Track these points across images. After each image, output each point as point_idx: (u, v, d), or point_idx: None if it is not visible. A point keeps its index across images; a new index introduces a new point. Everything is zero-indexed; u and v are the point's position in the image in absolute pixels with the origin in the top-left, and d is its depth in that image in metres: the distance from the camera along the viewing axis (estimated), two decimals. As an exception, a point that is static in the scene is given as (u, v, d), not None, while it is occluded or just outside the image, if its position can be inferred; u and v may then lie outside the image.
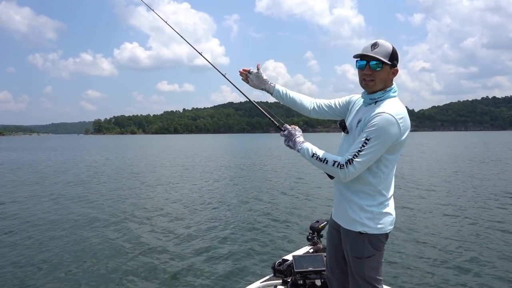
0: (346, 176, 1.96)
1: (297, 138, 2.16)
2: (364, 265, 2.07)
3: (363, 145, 1.92)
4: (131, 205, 9.83)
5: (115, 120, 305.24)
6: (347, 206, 2.11)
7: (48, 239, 6.76)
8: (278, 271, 2.89)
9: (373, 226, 2.04)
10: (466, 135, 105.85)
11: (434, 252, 5.86)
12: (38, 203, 10.23)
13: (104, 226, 7.65)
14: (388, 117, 1.91)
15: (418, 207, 9.14)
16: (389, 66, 2.02)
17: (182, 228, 7.60)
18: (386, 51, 2.01)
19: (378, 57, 1.99)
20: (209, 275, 5.10)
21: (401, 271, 5.12)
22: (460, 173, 16.14)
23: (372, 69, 2.02)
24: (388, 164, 2.04)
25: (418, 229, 7.15)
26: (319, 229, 3.16)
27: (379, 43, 2.03)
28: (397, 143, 1.98)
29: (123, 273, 5.25)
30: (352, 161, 1.93)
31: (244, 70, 2.46)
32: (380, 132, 1.91)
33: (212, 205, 9.89)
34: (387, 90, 2.06)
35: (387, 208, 2.08)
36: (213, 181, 15.01)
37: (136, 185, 13.91)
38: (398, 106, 2.00)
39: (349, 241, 2.11)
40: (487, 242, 6.30)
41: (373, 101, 2.07)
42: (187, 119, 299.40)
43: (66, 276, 5.16)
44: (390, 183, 2.10)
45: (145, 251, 6.12)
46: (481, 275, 4.98)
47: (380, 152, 1.96)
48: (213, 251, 6.08)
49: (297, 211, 8.95)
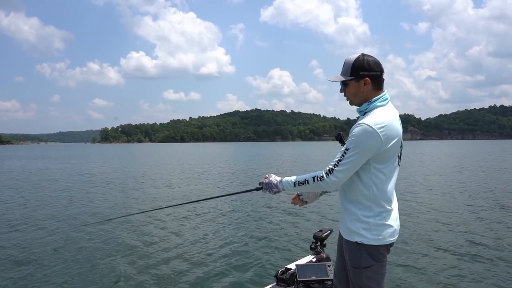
0: (329, 186, 2.03)
1: (273, 181, 2.23)
2: (362, 275, 2.09)
3: (343, 155, 1.99)
4: (133, 208, 9.85)
5: (122, 129, 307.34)
6: (346, 216, 2.15)
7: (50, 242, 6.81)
8: (281, 280, 2.90)
9: (370, 237, 2.05)
10: (474, 144, 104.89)
11: (441, 263, 5.80)
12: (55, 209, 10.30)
13: (113, 230, 7.68)
14: (366, 127, 1.96)
15: (424, 217, 9.06)
16: (355, 80, 2.09)
17: (185, 236, 7.59)
18: (346, 68, 2.11)
19: (331, 80, 2.18)
20: (212, 284, 5.09)
21: (408, 281, 5.08)
22: (469, 182, 16.00)
23: (342, 89, 2.18)
24: (379, 175, 2.05)
25: (424, 239, 7.07)
26: (322, 238, 3.17)
27: (345, 61, 2.14)
28: (383, 152, 2.00)
29: (120, 277, 5.27)
30: (332, 170, 2.00)
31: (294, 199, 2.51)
32: (357, 142, 1.97)
33: (216, 213, 9.88)
34: (372, 100, 2.09)
35: (387, 220, 2.08)
36: (215, 189, 15.02)
37: (145, 189, 13.99)
38: (381, 115, 2.02)
39: (348, 251, 2.15)
40: (493, 253, 6.22)
41: (362, 113, 2.12)
42: (193, 127, 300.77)
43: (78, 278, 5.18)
44: (388, 194, 2.09)
45: (146, 259, 6.12)
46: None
47: (361, 161, 2.00)
48: (216, 260, 6.07)
49: (301, 220, 8.91)
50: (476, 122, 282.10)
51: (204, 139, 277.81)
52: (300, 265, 2.88)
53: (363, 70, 2.05)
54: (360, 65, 2.05)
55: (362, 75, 2.05)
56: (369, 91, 2.08)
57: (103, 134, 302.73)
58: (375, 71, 2.07)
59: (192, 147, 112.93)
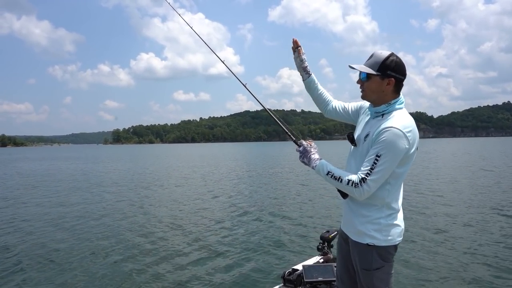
0: (361, 195, 1.96)
1: (312, 155, 2.14)
2: (373, 277, 2.07)
3: (375, 162, 1.92)
4: (144, 210, 9.95)
5: (133, 130, 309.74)
6: (355, 218, 2.11)
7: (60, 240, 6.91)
8: (288, 280, 2.90)
9: (381, 238, 2.04)
10: (486, 142, 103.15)
11: (445, 262, 5.74)
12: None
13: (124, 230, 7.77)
14: (396, 131, 1.91)
15: (428, 216, 8.97)
16: (380, 76, 2.02)
17: (192, 235, 7.64)
18: (375, 62, 2.02)
19: (354, 67, 2.06)
20: (219, 285, 5.10)
21: (411, 282, 5.03)
22: (480, 180, 15.79)
23: (361, 80, 2.08)
24: (396, 177, 2.04)
25: (428, 238, 7.01)
26: (329, 239, 3.18)
27: (374, 54, 2.05)
28: (406, 156, 1.98)
29: (126, 277, 5.34)
30: (365, 179, 1.93)
31: (296, 43, 2.45)
32: (389, 147, 1.91)
33: (223, 214, 9.90)
34: (392, 102, 2.04)
35: (396, 220, 2.07)
36: (223, 189, 15.06)
37: (156, 190, 14.14)
38: (405, 118, 1.99)
39: (358, 253, 2.12)
40: (499, 252, 6.14)
41: (380, 115, 2.06)
42: (204, 128, 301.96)
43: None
44: (398, 195, 2.10)
45: (153, 258, 6.18)
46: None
47: (392, 167, 1.95)
48: (223, 260, 6.09)
49: (308, 221, 8.86)
50: (490, 119, 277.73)
51: (214, 139, 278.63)
52: (307, 265, 2.88)
53: (391, 70, 2.00)
54: (390, 64, 2.00)
55: (389, 74, 2.00)
56: (389, 92, 2.04)
57: (115, 135, 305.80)
58: (400, 74, 2.03)
59: (205, 147, 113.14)
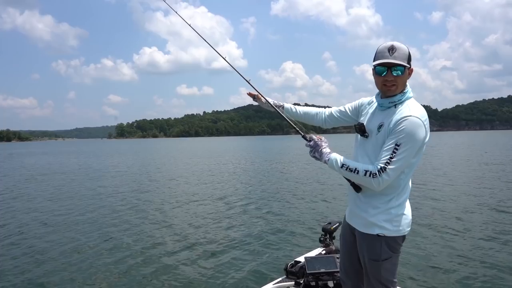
0: (380, 185, 1.93)
1: (323, 149, 2.10)
2: (381, 268, 2.06)
3: (394, 151, 1.89)
4: (148, 201, 10.01)
5: (137, 124, 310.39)
6: (364, 209, 2.09)
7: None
8: (291, 272, 2.91)
9: (391, 229, 2.03)
10: (490, 135, 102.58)
11: (449, 252, 5.75)
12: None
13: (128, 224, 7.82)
14: (416, 120, 1.89)
15: (434, 206, 8.96)
16: (408, 68, 2.00)
17: (195, 228, 7.68)
18: (404, 54, 1.97)
19: (402, 63, 1.94)
20: (222, 277, 5.12)
21: (415, 272, 5.03)
22: (486, 173, 15.72)
23: (394, 76, 1.97)
24: (410, 167, 2.02)
25: (433, 228, 7.02)
26: (331, 230, 3.17)
27: (396, 47, 1.97)
28: (422, 145, 1.97)
29: (130, 269, 5.38)
30: (385, 169, 1.89)
31: (250, 94, 2.61)
32: (410, 136, 1.88)
33: (225, 207, 9.94)
34: (406, 92, 2.02)
35: (405, 210, 2.07)
36: (226, 182, 15.13)
37: (161, 183, 14.22)
38: (420, 107, 1.98)
39: (366, 244, 2.10)
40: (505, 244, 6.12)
41: (393, 104, 2.02)
42: (207, 122, 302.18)
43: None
44: (407, 185, 2.08)
45: (156, 251, 6.22)
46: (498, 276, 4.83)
47: (411, 156, 1.93)
48: (225, 253, 6.11)
49: (310, 213, 8.89)
50: (494, 112, 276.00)
51: (218, 133, 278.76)
52: (309, 257, 2.87)
53: (411, 61, 2.00)
54: (411, 55, 2.01)
55: (411, 65, 2.00)
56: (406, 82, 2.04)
57: (119, 129, 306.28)
58: None
59: (210, 141, 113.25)
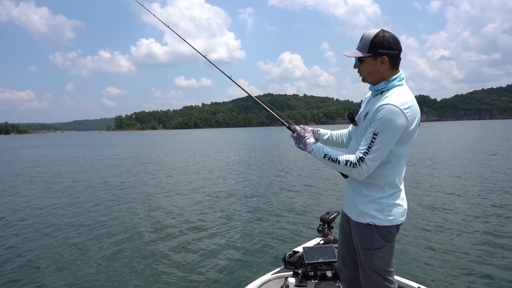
0: (360, 175, 1.95)
1: (307, 139, 2.14)
2: (374, 257, 2.06)
3: (372, 141, 1.90)
4: (144, 195, 10.03)
5: (136, 116, 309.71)
6: (356, 198, 2.10)
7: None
8: (289, 263, 2.90)
9: (382, 218, 2.02)
10: (489, 124, 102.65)
11: (447, 242, 5.78)
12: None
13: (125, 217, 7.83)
14: (392, 108, 1.87)
15: (432, 196, 8.99)
16: (372, 57, 1.97)
17: (193, 219, 7.71)
18: (364, 43, 1.98)
19: (346, 54, 2.03)
20: (220, 267, 5.15)
21: (413, 261, 5.06)
22: (483, 163, 15.75)
23: (357, 65, 2.05)
24: (396, 157, 2.01)
25: (431, 219, 7.05)
26: (329, 220, 3.16)
27: (363, 36, 2.00)
28: (406, 134, 1.94)
29: (135, 263, 5.38)
30: (363, 159, 1.91)
31: None
32: (386, 125, 1.88)
33: (223, 198, 9.99)
34: (391, 79, 1.99)
35: (398, 200, 2.05)
36: (225, 173, 15.20)
37: (163, 176, 14.25)
38: (404, 95, 1.95)
39: (358, 233, 2.11)
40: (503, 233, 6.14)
41: (379, 92, 2.03)
42: (206, 113, 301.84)
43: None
44: (400, 174, 2.07)
45: (157, 243, 6.25)
46: (497, 266, 4.86)
47: (390, 145, 1.93)
48: (224, 243, 6.15)
49: (308, 203, 8.94)
50: (493, 101, 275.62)
51: (217, 125, 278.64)
52: (307, 247, 2.87)
53: (382, 48, 1.94)
54: (379, 42, 1.94)
55: (381, 53, 1.94)
56: (386, 70, 1.99)
57: (117, 122, 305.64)
58: (394, 50, 1.96)
59: (209, 133, 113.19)
